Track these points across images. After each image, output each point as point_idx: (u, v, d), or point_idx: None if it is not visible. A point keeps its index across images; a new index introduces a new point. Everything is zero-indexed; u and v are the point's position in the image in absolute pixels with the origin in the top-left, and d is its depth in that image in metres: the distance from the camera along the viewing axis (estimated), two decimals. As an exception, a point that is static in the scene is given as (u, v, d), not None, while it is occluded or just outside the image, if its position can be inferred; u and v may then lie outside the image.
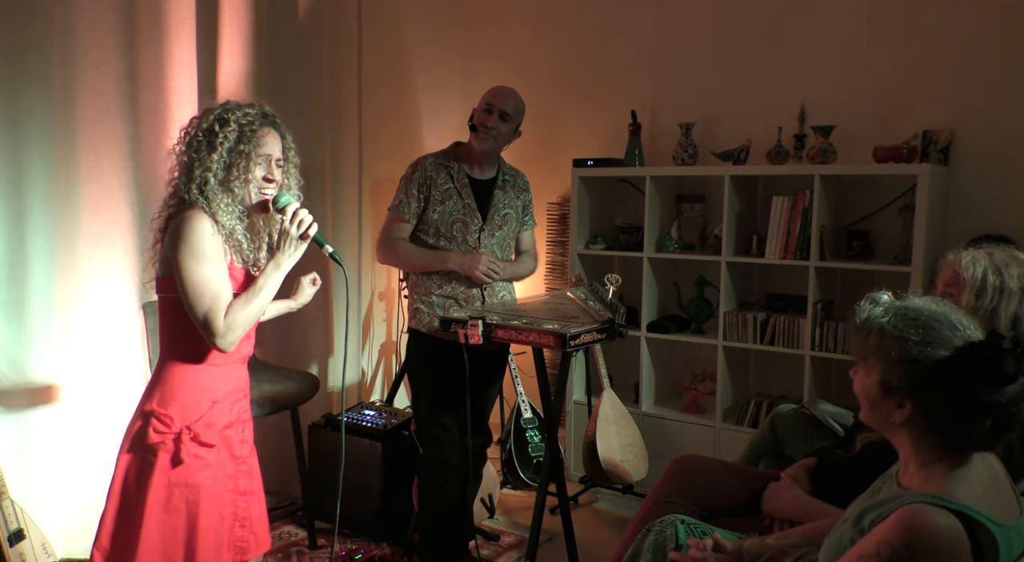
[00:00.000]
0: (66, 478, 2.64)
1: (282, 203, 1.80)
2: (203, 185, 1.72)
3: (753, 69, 3.52)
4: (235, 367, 1.84)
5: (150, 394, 1.75)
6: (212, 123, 1.74)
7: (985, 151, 3.07)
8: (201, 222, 1.69)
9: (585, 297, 2.65)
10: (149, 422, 1.72)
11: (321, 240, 1.82)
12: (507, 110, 2.58)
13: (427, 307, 2.62)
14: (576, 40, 4.02)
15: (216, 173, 1.72)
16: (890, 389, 1.31)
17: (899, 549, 1.21)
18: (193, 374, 1.76)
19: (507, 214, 2.69)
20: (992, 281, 1.81)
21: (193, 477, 1.73)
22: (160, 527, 1.70)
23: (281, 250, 1.76)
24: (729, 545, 1.68)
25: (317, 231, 1.79)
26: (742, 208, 3.39)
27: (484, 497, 3.15)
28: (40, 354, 2.58)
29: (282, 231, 1.76)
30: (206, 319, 1.66)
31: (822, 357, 3.16)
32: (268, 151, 1.79)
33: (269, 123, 1.80)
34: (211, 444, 1.76)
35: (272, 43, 3.33)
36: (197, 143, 1.74)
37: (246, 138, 1.75)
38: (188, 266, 1.67)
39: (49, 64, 2.55)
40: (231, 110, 1.77)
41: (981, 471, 1.31)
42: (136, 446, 1.73)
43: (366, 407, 3.37)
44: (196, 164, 1.73)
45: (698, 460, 2.21)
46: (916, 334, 1.27)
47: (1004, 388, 1.22)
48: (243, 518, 1.86)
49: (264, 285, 1.74)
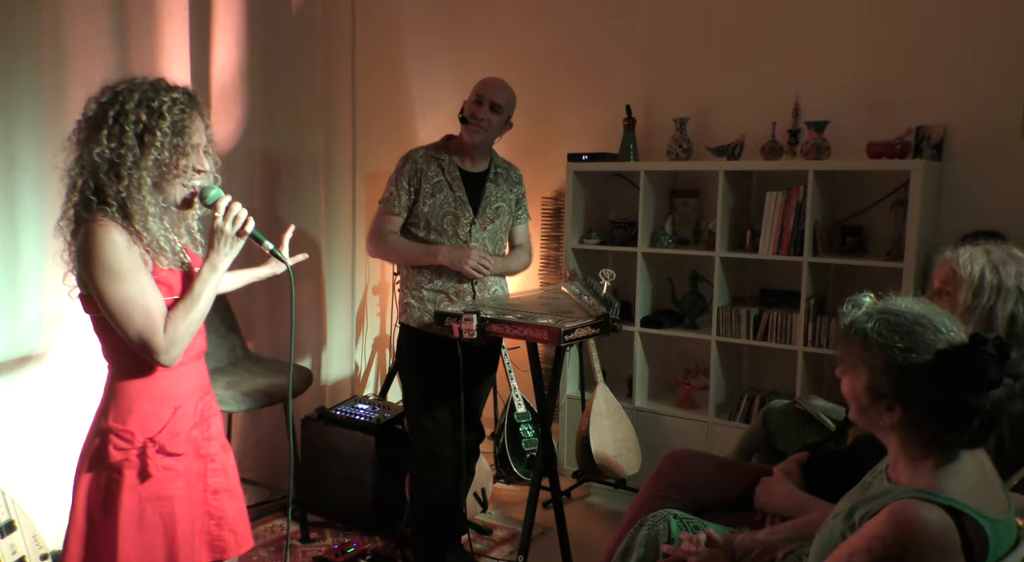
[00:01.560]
0: (58, 470, 2.63)
1: (211, 198, 1.62)
2: (131, 187, 1.53)
3: (747, 64, 3.52)
4: (192, 366, 1.71)
5: (104, 411, 1.62)
6: (137, 111, 1.53)
7: (978, 147, 3.08)
8: (110, 235, 1.50)
9: (579, 292, 2.65)
10: (108, 440, 1.59)
11: (260, 236, 1.68)
12: (498, 101, 2.56)
13: (418, 302, 2.62)
14: (570, 34, 4.01)
15: (151, 172, 1.55)
16: (878, 394, 1.31)
17: (890, 545, 1.21)
18: (148, 383, 1.62)
19: (499, 207, 2.68)
20: (990, 280, 1.79)
21: (165, 489, 1.62)
22: (137, 546, 1.60)
23: (216, 250, 1.61)
24: (721, 539, 1.69)
25: (255, 226, 1.65)
26: (736, 203, 3.39)
27: (477, 491, 3.15)
28: (30, 342, 2.57)
29: (215, 229, 1.60)
30: (141, 339, 1.53)
31: (815, 352, 3.17)
32: (197, 140, 1.61)
33: (195, 106, 1.60)
34: (179, 453, 1.65)
35: (265, 34, 3.31)
36: (121, 135, 1.53)
37: (179, 129, 1.56)
38: (106, 287, 1.50)
39: (40, 54, 2.53)
40: (155, 94, 1.56)
41: (970, 465, 1.32)
42: (96, 466, 1.61)
43: (359, 401, 3.36)
44: (124, 163, 1.53)
45: (691, 455, 2.22)
46: (900, 340, 1.27)
47: (989, 391, 1.22)
48: (217, 516, 1.75)
49: (202, 291, 1.59)
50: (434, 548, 2.71)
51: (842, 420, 2.41)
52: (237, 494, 1.82)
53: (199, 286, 1.60)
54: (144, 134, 1.54)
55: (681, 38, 3.70)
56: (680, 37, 3.70)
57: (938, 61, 3.12)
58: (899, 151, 3.00)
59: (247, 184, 3.30)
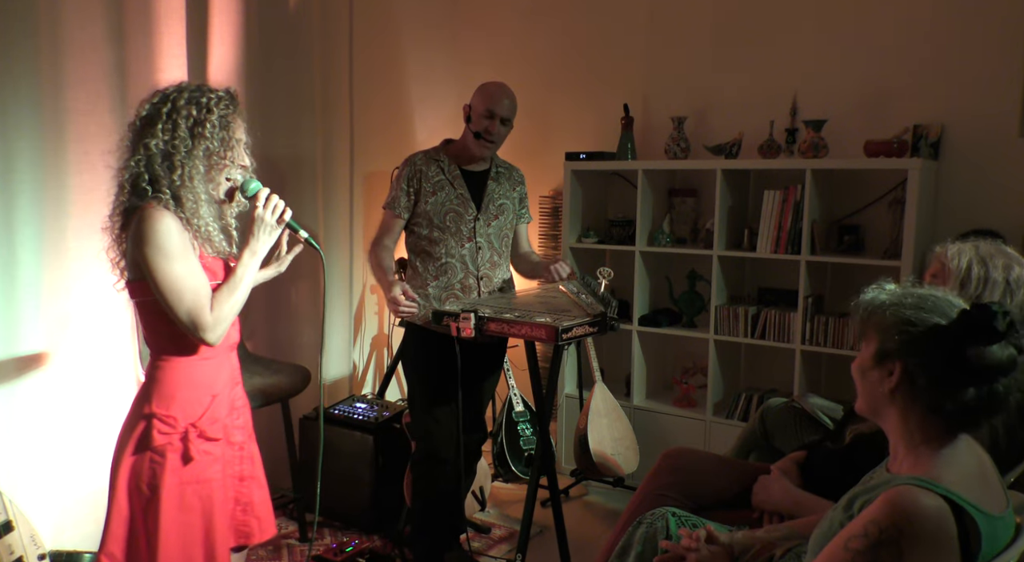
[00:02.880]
0: (56, 470, 2.63)
1: (252, 190, 1.77)
2: (184, 176, 1.66)
3: (745, 63, 3.52)
4: (226, 357, 1.82)
5: (147, 396, 1.71)
6: (188, 106, 1.68)
7: (975, 146, 3.08)
8: (164, 219, 1.63)
9: (577, 291, 2.66)
10: (152, 425, 1.69)
11: (295, 225, 1.82)
12: (508, 116, 2.64)
13: (423, 299, 2.62)
14: (569, 33, 4.01)
15: (202, 162, 1.69)
16: (884, 355, 1.34)
17: (886, 528, 1.21)
18: (189, 371, 1.73)
19: (503, 204, 2.70)
20: (977, 272, 1.85)
21: (204, 473, 1.72)
22: (178, 527, 1.69)
23: (255, 237, 1.74)
24: (720, 537, 1.69)
25: (291, 216, 1.79)
26: (734, 202, 3.40)
27: (475, 490, 3.16)
28: (28, 345, 2.56)
29: (256, 218, 1.74)
30: (190, 317, 1.64)
31: (812, 351, 3.17)
32: (240, 135, 1.76)
33: (237, 105, 1.76)
34: (217, 438, 1.75)
35: (262, 34, 3.31)
36: (174, 129, 1.66)
37: (225, 124, 1.71)
38: (159, 266, 1.62)
39: (37, 55, 2.52)
40: (201, 93, 1.71)
41: (969, 459, 1.33)
42: (140, 449, 1.69)
43: (357, 400, 3.37)
44: (178, 153, 1.66)
45: (689, 453, 2.22)
46: (912, 301, 1.34)
47: (990, 347, 1.26)
48: (244, 503, 1.85)
49: (243, 275, 1.72)
50: (432, 547, 2.71)
51: (840, 419, 2.41)
52: (262, 483, 1.92)
53: (240, 270, 1.73)
54: (195, 127, 1.67)
55: (679, 37, 3.70)
56: (678, 36, 3.70)
57: (936, 60, 3.12)
58: (896, 150, 3.00)
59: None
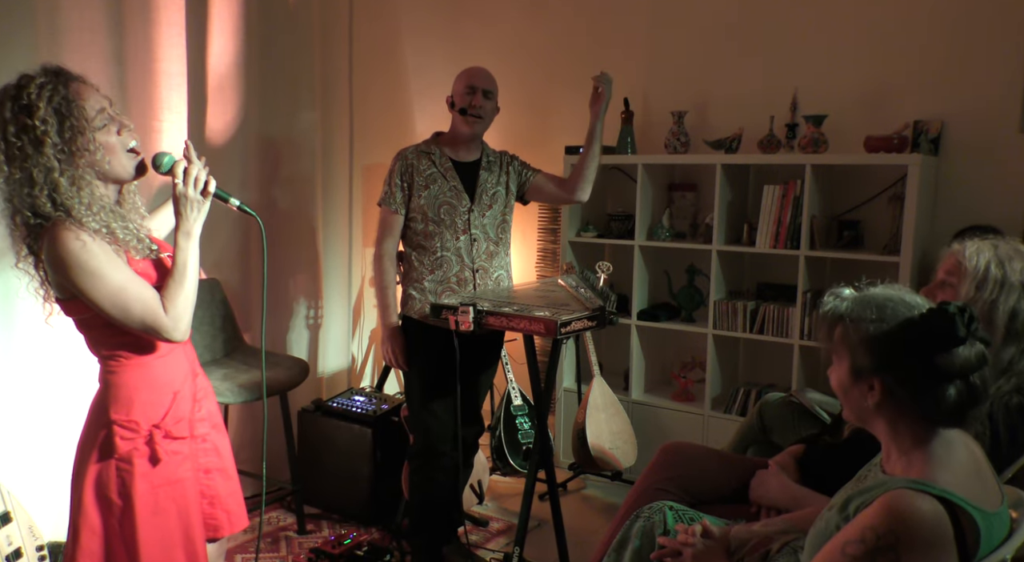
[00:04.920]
0: (54, 461, 2.63)
1: (166, 165, 1.59)
2: (53, 191, 1.47)
3: (746, 58, 3.51)
4: (180, 350, 1.71)
5: (104, 403, 1.62)
6: (15, 118, 1.45)
7: (975, 142, 3.08)
8: (71, 238, 1.47)
9: (576, 284, 2.66)
10: (113, 432, 1.60)
11: (224, 194, 1.64)
12: (489, 88, 2.65)
13: (419, 293, 2.62)
14: (568, 27, 3.99)
15: (63, 168, 1.48)
16: (859, 372, 1.34)
17: (883, 534, 1.22)
18: (145, 373, 1.63)
19: (496, 193, 2.69)
20: (994, 273, 1.77)
21: (175, 473, 1.65)
22: (156, 532, 1.63)
23: (183, 216, 1.56)
24: (717, 531, 1.69)
25: (216, 185, 1.61)
26: (733, 197, 3.39)
27: (473, 483, 3.16)
28: (24, 334, 2.56)
29: (178, 195, 1.56)
30: (146, 324, 1.53)
31: (811, 346, 3.17)
32: (97, 105, 1.54)
33: (68, 79, 1.52)
34: (183, 436, 1.67)
35: (262, 25, 3.30)
36: (13, 148, 1.45)
37: (66, 108, 1.48)
38: (92, 287, 1.48)
39: (35, 44, 2.51)
40: (19, 91, 1.47)
41: (963, 457, 1.33)
42: (104, 458, 1.61)
43: (356, 393, 3.37)
44: (38, 169, 1.46)
45: (687, 447, 2.22)
46: (872, 313, 1.33)
47: (956, 350, 1.26)
48: (210, 496, 1.77)
49: (186, 261, 1.56)
50: (430, 540, 2.72)
51: (837, 413, 2.41)
52: (230, 474, 1.84)
53: (181, 257, 1.57)
54: (31, 133, 1.46)
55: (679, 31, 3.69)
56: (678, 30, 3.69)
57: (936, 56, 3.12)
58: (896, 146, 3.00)
59: (243, 175, 3.29)
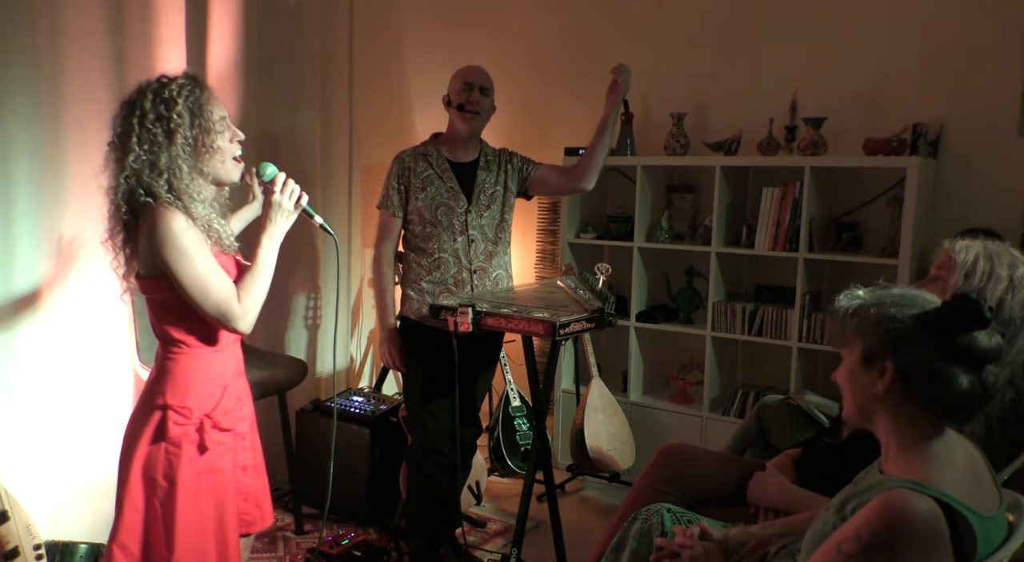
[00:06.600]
0: (52, 460, 2.62)
1: (268, 175, 1.77)
2: (172, 176, 1.65)
3: (745, 60, 3.52)
4: (232, 350, 1.83)
5: (159, 387, 1.72)
6: (154, 108, 1.65)
7: (975, 144, 3.08)
8: (177, 219, 1.63)
9: (575, 286, 2.66)
10: (167, 416, 1.70)
11: (311, 211, 1.83)
12: (486, 85, 2.66)
13: (417, 293, 2.62)
14: (569, 28, 4.00)
15: (186, 159, 1.66)
16: (872, 356, 1.33)
17: (879, 532, 1.22)
18: (201, 363, 1.74)
19: (494, 192, 2.68)
20: (982, 266, 1.86)
21: (217, 463, 1.75)
22: (193, 517, 1.71)
23: (272, 222, 1.75)
24: (715, 533, 1.69)
25: (307, 201, 1.80)
26: (732, 199, 3.39)
27: (472, 484, 3.16)
28: (25, 336, 2.56)
29: (273, 203, 1.74)
30: (219, 310, 1.66)
31: (809, 348, 3.17)
32: (221, 113, 1.74)
33: (201, 85, 1.72)
34: (230, 428, 1.78)
35: (262, 25, 3.30)
36: (148, 133, 1.64)
37: (198, 109, 1.68)
38: (181, 267, 1.63)
39: (35, 43, 2.50)
40: (161, 87, 1.67)
41: (961, 459, 1.33)
42: (156, 440, 1.70)
43: (354, 393, 3.37)
44: (161, 157, 1.64)
45: (685, 449, 2.22)
46: (892, 299, 1.34)
47: (977, 334, 1.26)
48: (245, 492, 1.87)
49: (265, 261, 1.73)
50: (428, 540, 2.72)
51: (836, 416, 2.41)
52: (262, 471, 1.95)
53: (262, 256, 1.73)
54: (167, 124, 1.64)
55: (679, 33, 3.69)
56: (678, 32, 3.69)
57: (936, 59, 3.12)
58: (896, 148, 3.00)
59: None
